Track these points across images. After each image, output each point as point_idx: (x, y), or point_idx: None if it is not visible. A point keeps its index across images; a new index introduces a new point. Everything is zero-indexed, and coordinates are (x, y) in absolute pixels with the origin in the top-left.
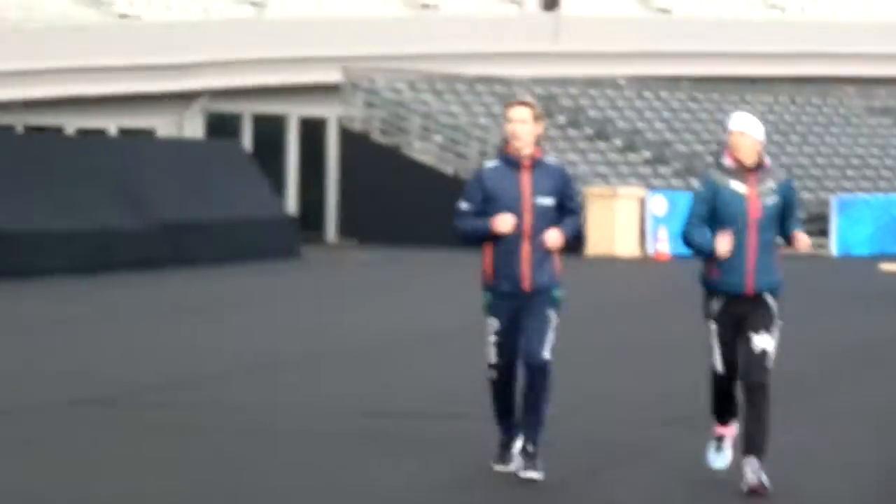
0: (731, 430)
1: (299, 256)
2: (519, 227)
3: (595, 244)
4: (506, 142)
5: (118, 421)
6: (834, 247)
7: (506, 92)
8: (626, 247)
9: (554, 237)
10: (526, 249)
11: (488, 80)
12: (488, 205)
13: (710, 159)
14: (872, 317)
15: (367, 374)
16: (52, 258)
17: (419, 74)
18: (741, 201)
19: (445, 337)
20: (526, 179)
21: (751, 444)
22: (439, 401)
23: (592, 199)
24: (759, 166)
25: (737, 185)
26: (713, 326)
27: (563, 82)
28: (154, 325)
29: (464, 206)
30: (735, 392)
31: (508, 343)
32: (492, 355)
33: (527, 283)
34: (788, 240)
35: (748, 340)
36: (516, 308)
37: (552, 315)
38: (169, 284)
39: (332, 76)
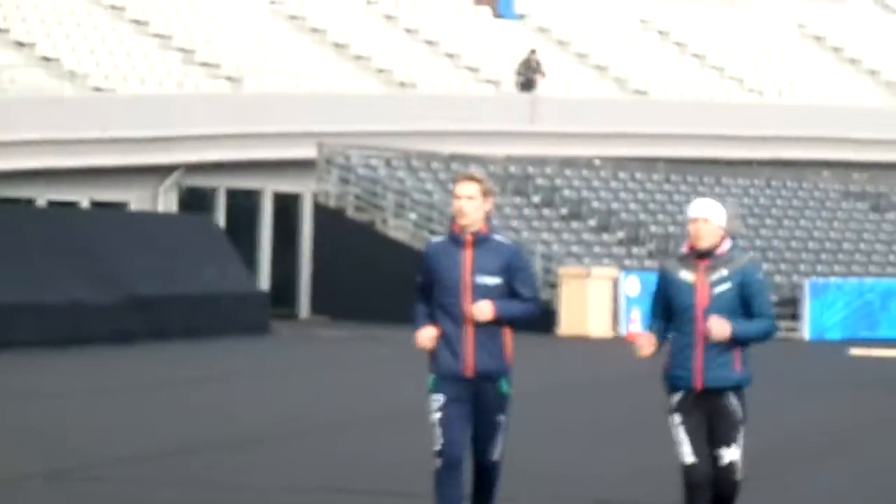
0: None
1: (270, 332)
2: (459, 308)
3: (568, 324)
4: (453, 219)
5: (74, 493)
6: (806, 331)
7: (482, 171)
8: (599, 327)
9: (480, 308)
10: (468, 333)
11: (464, 159)
12: (432, 282)
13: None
14: (840, 402)
15: (332, 451)
16: (22, 331)
17: (395, 151)
18: (689, 290)
19: (414, 415)
20: (468, 257)
21: None
22: (404, 479)
23: (566, 280)
24: (711, 252)
25: (685, 274)
26: (676, 418)
27: (539, 162)
28: (121, 399)
29: (418, 279)
30: (707, 486)
31: (453, 424)
32: (437, 436)
33: (469, 369)
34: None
35: (716, 456)
36: (461, 391)
37: (502, 419)
38: (139, 359)
39: (307, 152)
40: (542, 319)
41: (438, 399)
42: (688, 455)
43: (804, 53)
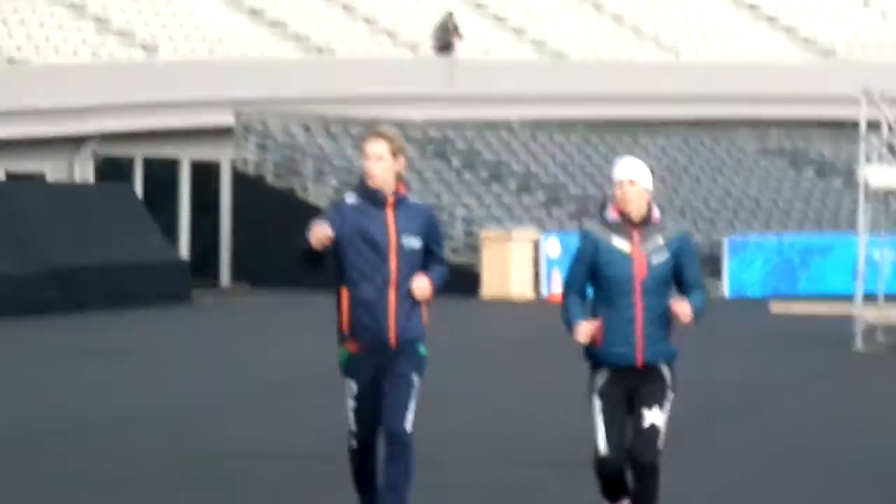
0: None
1: (191, 301)
2: (384, 272)
3: (489, 286)
4: (363, 178)
5: None
6: (726, 288)
7: (401, 134)
8: (521, 289)
9: (422, 286)
10: (392, 298)
11: (383, 123)
12: (347, 243)
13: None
14: (760, 359)
15: (251, 420)
16: None
17: (313, 117)
18: (625, 261)
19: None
20: (391, 218)
21: None
22: (324, 445)
23: (487, 243)
24: (647, 221)
25: (620, 243)
26: (597, 402)
27: (458, 125)
28: (38, 371)
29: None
30: (624, 472)
31: (369, 408)
32: (351, 422)
33: (393, 338)
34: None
35: (639, 416)
36: (378, 366)
37: (416, 380)
38: (57, 330)
39: (224, 119)
40: (464, 282)
41: (353, 387)
42: (602, 446)
43: (720, 12)
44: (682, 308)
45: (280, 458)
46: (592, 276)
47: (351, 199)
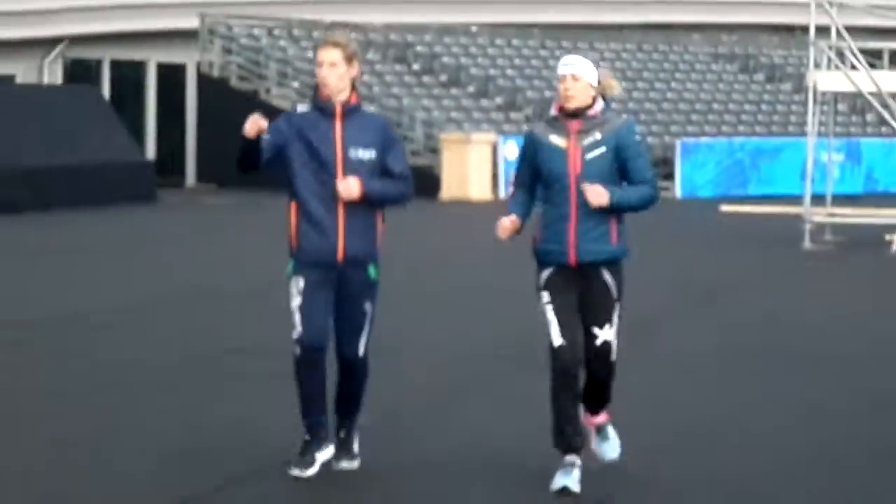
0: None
1: (157, 201)
2: (332, 187)
3: (449, 188)
4: (317, 87)
5: None
6: (678, 189)
7: (362, 38)
8: (480, 191)
9: (347, 185)
10: (341, 214)
11: (345, 27)
12: (296, 154)
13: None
14: (711, 258)
15: (210, 318)
16: None
17: (276, 21)
18: (561, 156)
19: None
20: (339, 129)
21: (593, 404)
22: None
23: (447, 145)
24: (583, 113)
25: (556, 139)
26: (545, 297)
27: (418, 29)
28: (3, 268)
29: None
30: (580, 390)
31: (315, 309)
32: (297, 322)
33: (340, 253)
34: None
35: (589, 335)
36: (326, 278)
37: (368, 308)
38: (25, 229)
39: (190, 22)
40: (424, 184)
41: (299, 282)
42: (556, 337)
43: None
44: (593, 190)
45: (235, 350)
46: (538, 175)
47: (301, 108)
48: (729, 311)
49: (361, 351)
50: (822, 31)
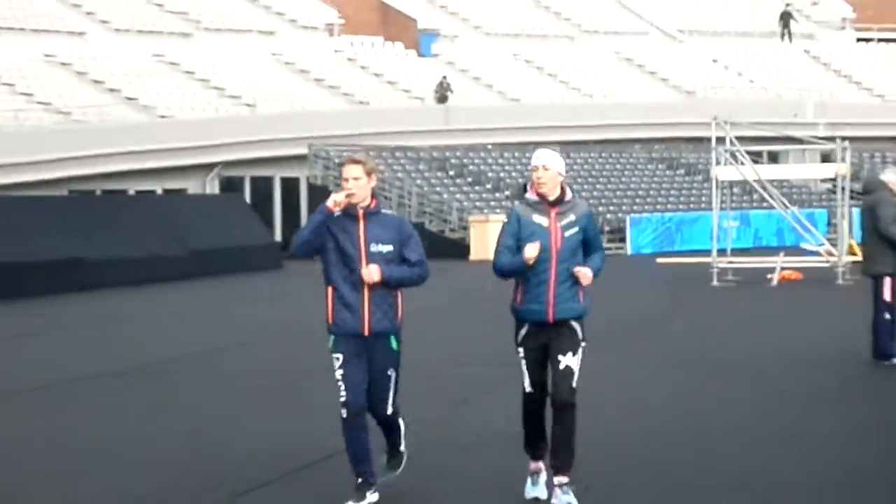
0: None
1: (282, 269)
2: (357, 274)
3: (475, 252)
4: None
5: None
6: (629, 248)
7: (415, 156)
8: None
9: (368, 271)
10: (366, 296)
11: (403, 149)
12: (331, 249)
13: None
14: (655, 293)
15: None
16: (116, 275)
17: (359, 146)
18: (544, 234)
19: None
20: (362, 229)
21: (558, 462)
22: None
23: (473, 224)
24: (561, 200)
25: (539, 219)
26: (521, 351)
27: (452, 148)
28: (180, 319)
29: (304, 233)
30: (544, 416)
31: (354, 373)
32: (341, 390)
33: (366, 328)
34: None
35: (555, 361)
36: (358, 348)
37: (392, 374)
38: (192, 292)
39: (302, 150)
40: (458, 250)
41: (339, 357)
42: (527, 385)
43: (618, 69)
44: (583, 273)
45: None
46: (518, 247)
47: (336, 213)
48: (666, 329)
49: (389, 410)
50: (721, 140)
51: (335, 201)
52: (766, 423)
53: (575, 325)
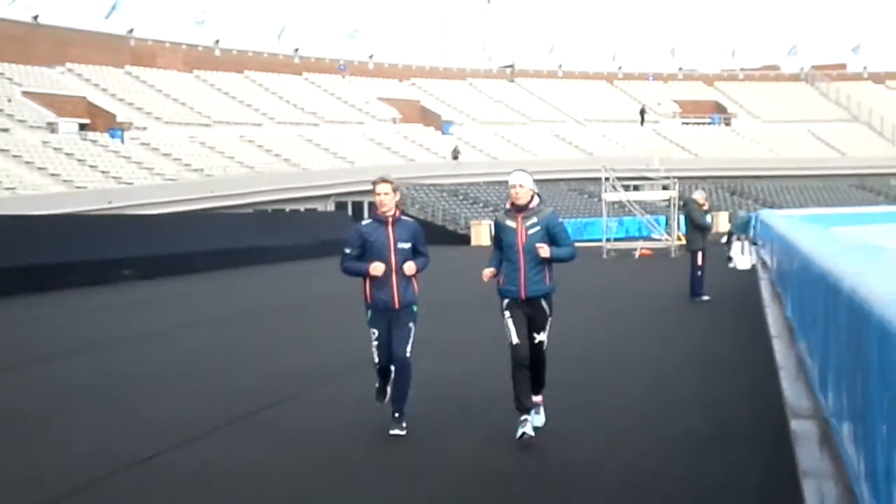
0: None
1: None
2: (388, 263)
3: (474, 241)
4: (375, 207)
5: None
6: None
7: (440, 188)
8: (486, 242)
9: (409, 267)
10: (394, 279)
11: (434, 185)
12: (365, 249)
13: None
14: (569, 266)
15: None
16: (282, 255)
17: (409, 183)
18: (513, 233)
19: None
20: (391, 232)
21: (535, 387)
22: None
23: (474, 226)
24: (526, 207)
25: (510, 223)
26: (506, 314)
27: (462, 185)
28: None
29: (347, 250)
30: (526, 359)
31: (384, 345)
32: (375, 355)
33: (396, 302)
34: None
35: (532, 338)
36: (388, 320)
37: (412, 326)
38: (320, 262)
39: (365, 187)
40: (464, 240)
41: (375, 333)
42: (513, 337)
43: (548, 144)
44: (540, 246)
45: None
46: (500, 244)
47: (366, 221)
48: (580, 283)
49: (407, 353)
50: (608, 178)
51: (375, 268)
52: (613, 335)
53: (543, 303)
